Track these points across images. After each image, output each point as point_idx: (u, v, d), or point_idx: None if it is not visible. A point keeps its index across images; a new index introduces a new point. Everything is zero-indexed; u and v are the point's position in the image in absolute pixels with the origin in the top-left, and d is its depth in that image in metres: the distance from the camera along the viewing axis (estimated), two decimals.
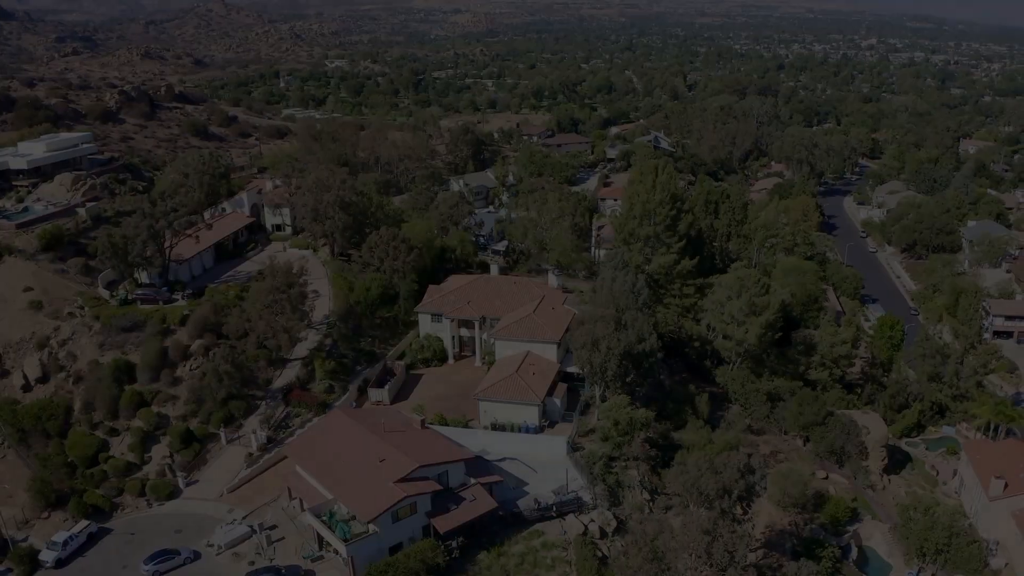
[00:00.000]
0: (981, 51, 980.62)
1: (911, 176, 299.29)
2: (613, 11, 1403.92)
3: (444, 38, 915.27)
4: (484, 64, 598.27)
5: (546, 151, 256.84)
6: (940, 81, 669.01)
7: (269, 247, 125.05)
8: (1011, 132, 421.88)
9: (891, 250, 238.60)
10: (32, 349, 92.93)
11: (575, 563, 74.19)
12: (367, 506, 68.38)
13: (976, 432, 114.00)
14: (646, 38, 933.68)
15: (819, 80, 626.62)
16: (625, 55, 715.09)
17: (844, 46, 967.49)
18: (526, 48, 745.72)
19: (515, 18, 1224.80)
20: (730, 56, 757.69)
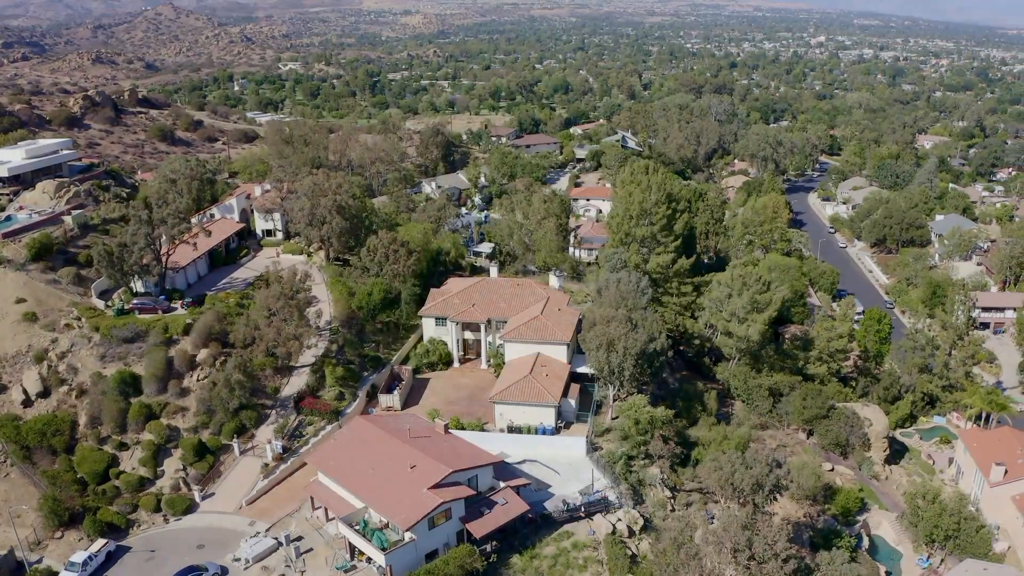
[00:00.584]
0: (929, 47, 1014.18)
1: (874, 172, 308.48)
2: (563, 11, 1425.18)
3: (396, 40, 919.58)
4: (438, 65, 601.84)
5: (515, 152, 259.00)
6: (891, 77, 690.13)
7: (261, 253, 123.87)
8: (965, 127, 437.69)
9: (861, 245, 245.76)
10: (30, 363, 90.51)
11: (607, 562, 75.54)
12: (404, 513, 68.50)
13: (967, 421, 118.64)
14: (598, 38, 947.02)
15: (771, 78, 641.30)
16: (578, 55, 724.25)
17: (794, 44, 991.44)
18: (479, 49, 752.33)
19: (466, 19, 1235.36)
20: (682, 55, 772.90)
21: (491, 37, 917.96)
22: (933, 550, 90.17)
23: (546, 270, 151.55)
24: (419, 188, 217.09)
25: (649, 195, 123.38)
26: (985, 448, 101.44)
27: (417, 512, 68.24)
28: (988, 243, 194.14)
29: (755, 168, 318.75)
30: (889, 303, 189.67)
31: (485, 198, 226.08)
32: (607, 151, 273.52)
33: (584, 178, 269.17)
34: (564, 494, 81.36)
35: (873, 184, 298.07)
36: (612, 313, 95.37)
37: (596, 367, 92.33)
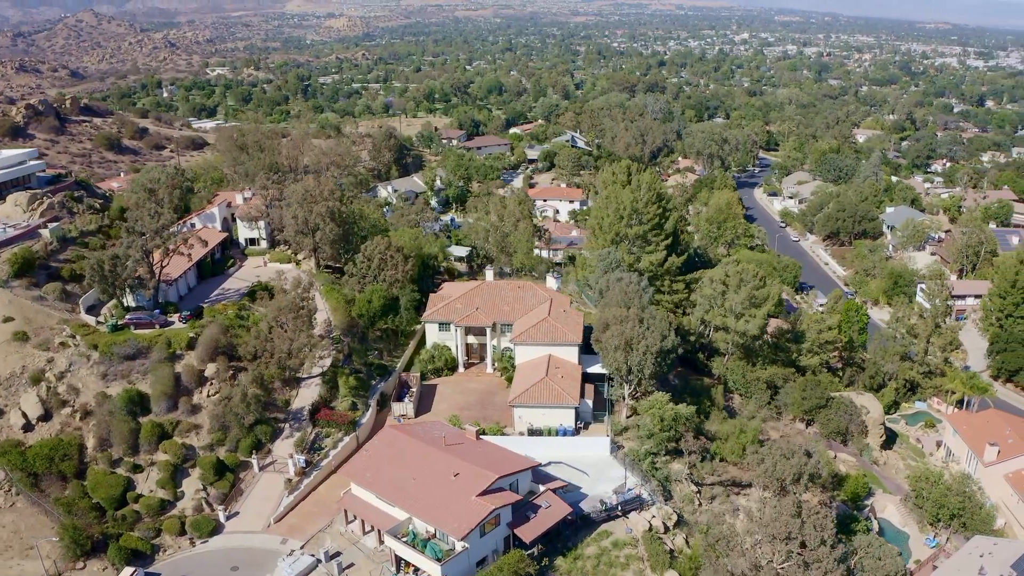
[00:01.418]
0: (851, 43, 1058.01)
1: (815, 167, 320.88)
2: (488, 12, 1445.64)
3: (321, 43, 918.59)
4: (368, 68, 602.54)
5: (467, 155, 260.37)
6: (817, 73, 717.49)
7: (247, 263, 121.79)
8: (896, 120, 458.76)
9: (813, 238, 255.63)
10: (26, 384, 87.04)
11: (647, 559, 77.74)
12: (456, 522, 68.99)
13: (948, 405, 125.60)
14: (524, 38, 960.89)
15: (700, 75, 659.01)
16: (507, 56, 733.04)
17: (718, 42, 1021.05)
18: (407, 51, 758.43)
19: (390, 21, 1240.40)
20: (610, 54, 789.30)
21: (418, 39, 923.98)
22: (938, 530, 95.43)
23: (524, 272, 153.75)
24: (374, 192, 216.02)
25: (640, 195, 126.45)
26: (975, 430, 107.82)
27: (470, 520, 68.85)
28: (942, 233, 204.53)
29: (701, 165, 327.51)
30: (850, 294, 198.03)
31: (442, 201, 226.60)
32: (560, 151, 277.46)
33: (537, 179, 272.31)
34: (596, 494, 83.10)
35: (816, 179, 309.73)
36: (625, 313, 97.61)
37: (614, 367, 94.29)
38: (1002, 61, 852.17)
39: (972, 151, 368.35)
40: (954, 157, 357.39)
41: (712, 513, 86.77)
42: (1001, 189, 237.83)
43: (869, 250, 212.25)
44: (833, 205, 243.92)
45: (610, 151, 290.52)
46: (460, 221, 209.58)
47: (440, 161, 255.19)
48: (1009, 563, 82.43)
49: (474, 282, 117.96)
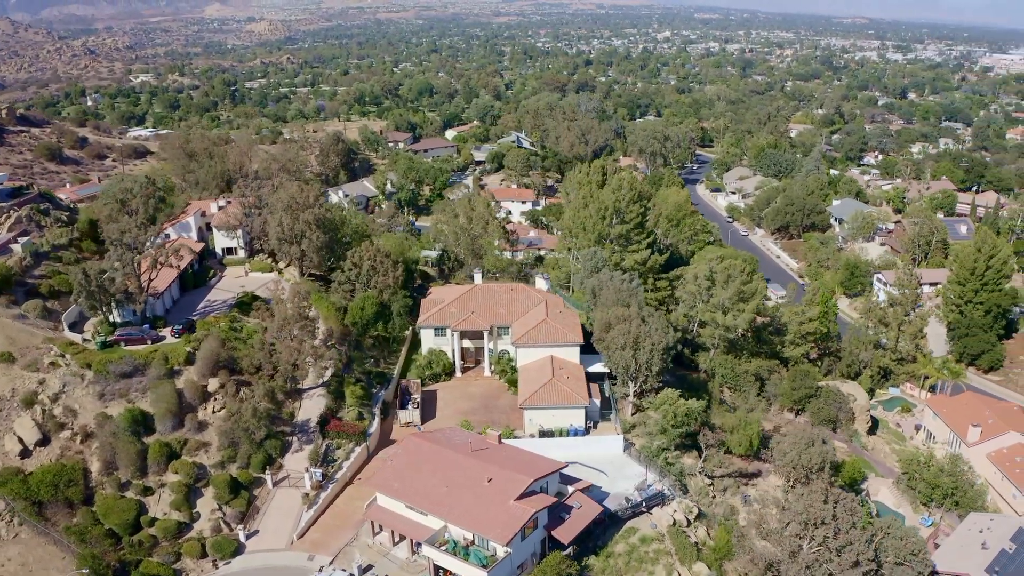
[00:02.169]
0: (772, 39, 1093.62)
1: (755, 162, 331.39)
2: (409, 14, 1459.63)
3: (243, 47, 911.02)
4: (295, 72, 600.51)
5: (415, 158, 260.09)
6: (741, 69, 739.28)
7: (227, 272, 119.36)
8: (825, 114, 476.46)
9: (761, 232, 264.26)
10: (18, 408, 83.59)
11: (676, 553, 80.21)
12: (499, 528, 69.83)
13: (921, 390, 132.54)
14: (448, 39, 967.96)
15: (627, 74, 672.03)
16: (433, 57, 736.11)
17: (642, 40, 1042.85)
18: (332, 54, 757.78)
19: (312, 24, 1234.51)
20: (536, 54, 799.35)
21: (341, 42, 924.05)
22: (932, 509, 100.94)
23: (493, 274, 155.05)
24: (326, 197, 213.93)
25: (622, 194, 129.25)
26: (955, 412, 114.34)
27: (513, 525, 69.83)
28: (891, 224, 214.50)
29: (643, 163, 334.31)
30: (804, 285, 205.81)
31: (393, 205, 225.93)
32: (508, 152, 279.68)
33: (487, 180, 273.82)
34: (617, 492, 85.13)
35: (757, 174, 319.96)
36: (627, 312, 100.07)
37: (622, 366, 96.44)
38: (920, 54, 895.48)
39: (901, 143, 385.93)
40: (884, 149, 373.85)
41: (727, 505, 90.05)
42: (940, 180, 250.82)
43: (821, 242, 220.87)
44: (781, 199, 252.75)
45: (555, 151, 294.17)
46: (419, 225, 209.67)
47: (389, 164, 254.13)
48: (1008, 536, 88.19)
49: (466, 285, 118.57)
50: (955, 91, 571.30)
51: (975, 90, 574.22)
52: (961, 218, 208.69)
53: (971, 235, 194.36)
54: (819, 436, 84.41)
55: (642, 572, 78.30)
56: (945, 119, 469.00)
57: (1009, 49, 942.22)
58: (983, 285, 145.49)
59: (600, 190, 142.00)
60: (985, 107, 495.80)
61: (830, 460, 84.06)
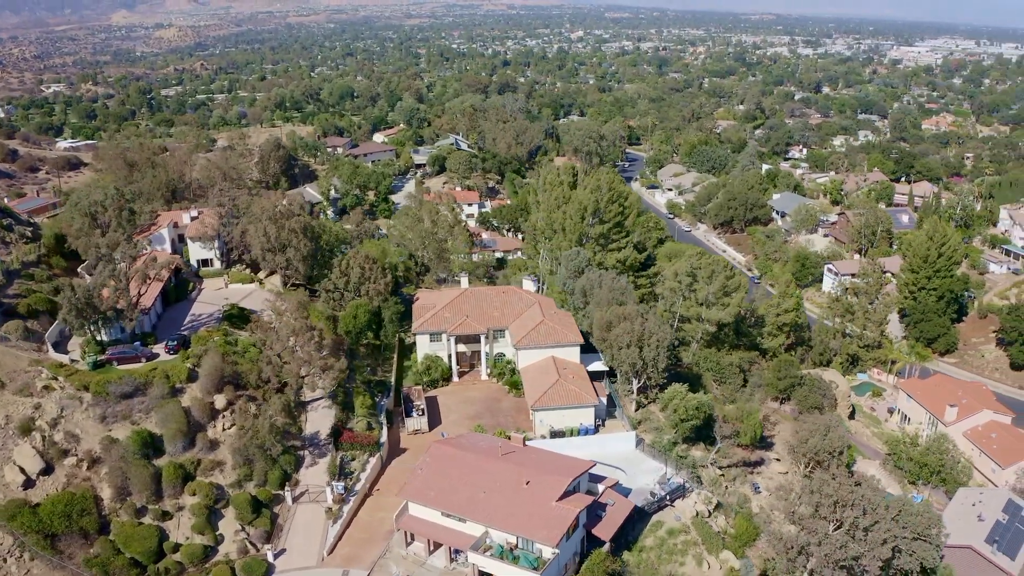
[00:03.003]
0: (683, 36, 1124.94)
1: (688, 158, 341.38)
2: (320, 17, 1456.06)
3: (153, 54, 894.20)
4: (210, 79, 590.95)
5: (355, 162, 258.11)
6: (657, 67, 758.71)
7: (204, 285, 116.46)
8: (746, 110, 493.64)
9: (704, 228, 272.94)
10: (15, 436, 79.99)
11: (702, 543, 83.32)
12: (546, 530, 71.15)
13: (888, 375, 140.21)
14: (362, 42, 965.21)
15: (545, 74, 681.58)
16: (348, 61, 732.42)
17: (555, 40, 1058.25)
18: (246, 60, 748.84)
19: (221, 29, 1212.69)
20: (452, 56, 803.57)
21: (253, 47, 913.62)
22: (919, 487, 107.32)
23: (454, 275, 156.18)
24: None
25: (601, 195, 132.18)
26: (930, 394, 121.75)
27: (560, 526, 71.32)
28: (835, 216, 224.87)
29: (578, 162, 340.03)
30: (755, 279, 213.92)
31: (338, 211, 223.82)
32: (450, 155, 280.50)
33: (429, 183, 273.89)
34: (638, 487, 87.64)
35: (691, 170, 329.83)
36: (628, 311, 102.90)
37: (627, 363, 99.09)
38: (830, 48, 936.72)
39: (823, 136, 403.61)
40: (807, 143, 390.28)
41: (739, 494, 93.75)
42: (872, 172, 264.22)
43: (766, 236, 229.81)
44: (723, 195, 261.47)
45: (494, 153, 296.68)
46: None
47: (330, 170, 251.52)
48: (1000, 508, 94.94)
49: (455, 289, 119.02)
50: (868, 84, 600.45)
51: (887, 82, 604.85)
52: (902, 208, 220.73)
53: (913, 224, 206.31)
54: (831, 423, 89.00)
55: (673, 564, 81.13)
56: (861, 111, 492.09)
57: (915, 41, 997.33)
58: (935, 272, 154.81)
59: (572, 191, 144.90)
60: (898, 99, 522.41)
61: (846, 445, 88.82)
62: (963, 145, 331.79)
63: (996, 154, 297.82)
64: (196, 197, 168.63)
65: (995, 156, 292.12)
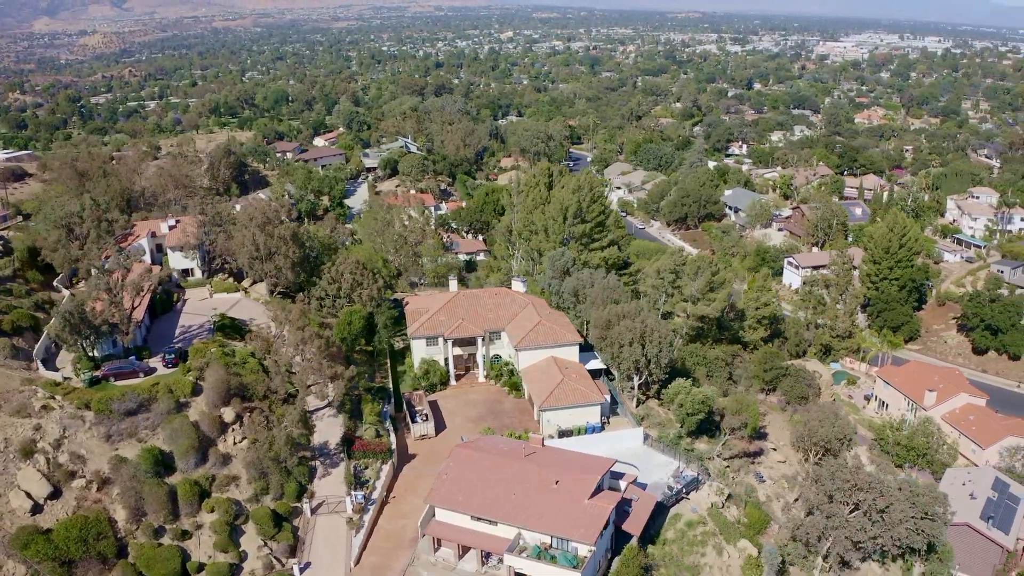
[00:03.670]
0: (612, 35, 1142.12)
1: (633, 157, 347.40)
2: (247, 21, 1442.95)
3: (78, 61, 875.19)
4: (140, 85, 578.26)
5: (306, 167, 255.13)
6: (590, 67, 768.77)
7: (187, 295, 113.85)
8: (683, 108, 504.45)
9: (658, 225, 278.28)
10: (16, 459, 77.19)
11: (720, 533, 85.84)
12: (583, 528, 72.42)
13: (861, 363, 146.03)
14: (291, 46, 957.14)
15: (479, 75, 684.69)
16: (279, 65, 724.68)
17: (486, 40, 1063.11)
18: (174, 66, 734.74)
19: (147, 35, 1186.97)
20: (383, 58, 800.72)
21: (180, 53, 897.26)
22: (906, 470, 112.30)
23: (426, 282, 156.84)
24: None
25: (583, 195, 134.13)
26: (907, 380, 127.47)
27: (596, 523, 72.72)
28: (790, 210, 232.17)
29: (526, 162, 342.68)
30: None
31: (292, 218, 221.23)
32: (403, 158, 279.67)
33: (381, 186, 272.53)
34: (653, 482, 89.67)
35: (637, 168, 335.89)
36: (627, 309, 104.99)
37: (631, 360, 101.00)
38: (757, 45, 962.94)
39: (761, 132, 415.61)
40: (746, 139, 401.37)
41: (746, 484, 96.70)
42: (818, 166, 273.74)
43: (723, 231, 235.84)
44: (676, 192, 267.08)
45: (444, 155, 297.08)
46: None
47: (281, 175, 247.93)
48: (989, 486, 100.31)
49: (447, 293, 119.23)
50: (798, 80, 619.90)
51: (816, 78, 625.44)
52: (854, 201, 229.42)
53: (867, 217, 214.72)
54: (835, 412, 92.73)
55: (695, 555, 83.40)
56: (794, 107, 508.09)
57: (839, 37, 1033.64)
58: (897, 263, 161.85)
59: (549, 191, 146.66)
60: (829, 94, 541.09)
61: (854, 431, 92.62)
62: (900, 138, 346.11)
63: (935, 146, 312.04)
64: (149, 206, 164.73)
65: (934, 148, 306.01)
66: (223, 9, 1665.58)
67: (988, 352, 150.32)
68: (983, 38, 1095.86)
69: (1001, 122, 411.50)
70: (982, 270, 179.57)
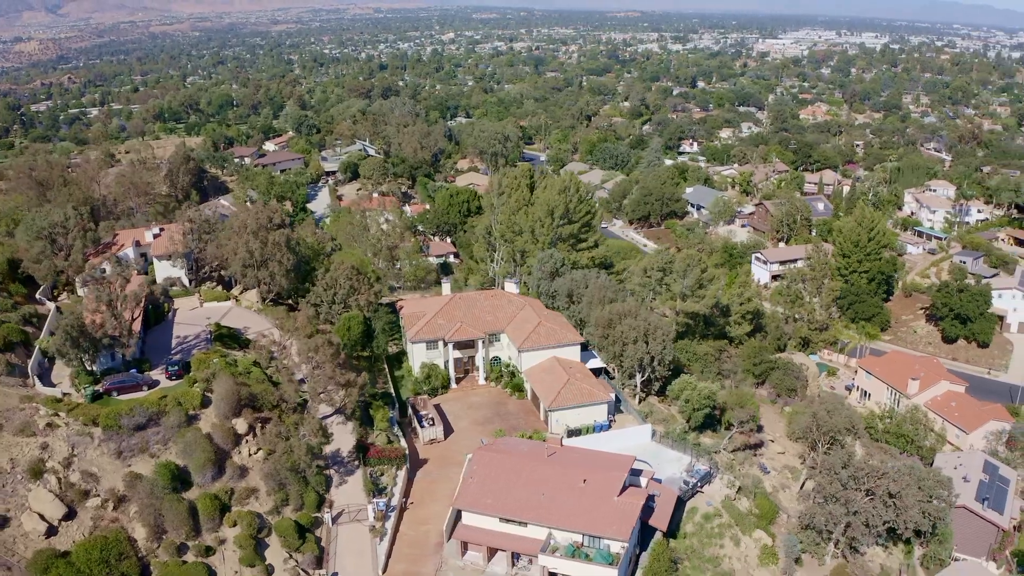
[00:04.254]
0: (554, 35, 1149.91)
1: (589, 156, 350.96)
2: (184, 26, 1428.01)
3: (14, 69, 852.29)
4: (80, 92, 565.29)
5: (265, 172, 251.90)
6: (534, 67, 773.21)
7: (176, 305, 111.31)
8: (632, 107, 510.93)
9: (620, 223, 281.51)
10: (25, 480, 74.81)
11: (736, 524, 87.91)
12: (616, 525, 73.56)
13: (839, 354, 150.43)
14: (231, 50, 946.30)
15: (423, 76, 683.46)
16: (220, 69, 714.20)
17: (427, 42, 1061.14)
18: (113, 72, 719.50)
19: (84, 41, 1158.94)
20: (326, 61, 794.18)
21: (118, 58, 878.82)
22: (896, 457, 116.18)
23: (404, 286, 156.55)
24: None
25: (571, 195, 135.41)
26: (889, 370, 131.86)
27: (629, 520, 74.00)
28: (753, 206, 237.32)
29: (483, 164, 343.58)
30: None
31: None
32: (364, 162, 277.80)
33: (342, 190, 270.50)
34: (667, 477, 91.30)
35: (593, 167, 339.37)
36: (629, 307, 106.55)
37: (636, 358, 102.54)
38: (698, 43, 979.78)
39: (709, 130, 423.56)
40: (695, 137, 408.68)
41: (752, 476, 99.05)
42: (775, 163, 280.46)
43: (687, 229, 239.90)
44: (638, 191, 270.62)
45: (403, 157, 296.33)
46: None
47: (241, 181, 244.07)
48: (980, 469, 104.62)
49: (443, 296, 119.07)
50: (740, 77, 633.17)
51: (759, 75, 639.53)
52: (815, 196, 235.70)
53: (830, 212, 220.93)
54: (840, 402, 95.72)
55: (714, 547, 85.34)
56: (739, 104, 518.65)
57: (778, 34, 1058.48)
58: (866, 255, 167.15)
59: (531, 193, 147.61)
60: (772, 90, 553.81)
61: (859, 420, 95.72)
62: (849, 133, 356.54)
63: (886, 141, 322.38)
64: (110, 214, 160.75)
65: (885, 143, 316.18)
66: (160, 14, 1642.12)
67: (957, 340, 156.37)
68: (919, 33, 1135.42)
69: (942, 116, 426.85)
70: (944, 261, 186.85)
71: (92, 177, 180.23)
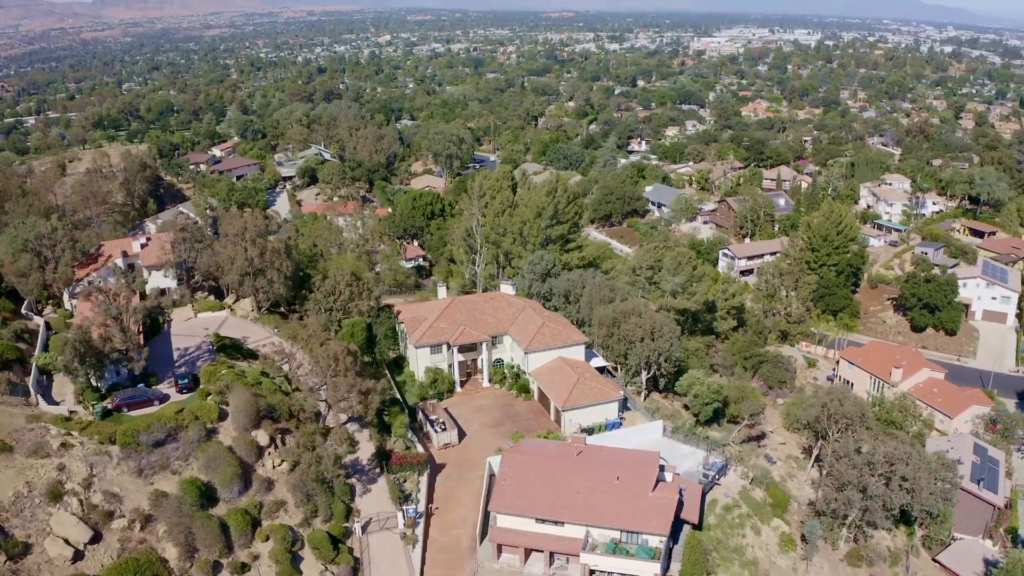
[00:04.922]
0: (490, 36, 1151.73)
1: (542, 156, 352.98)
2: (116, 32, 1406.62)
3: None
4: (13, 101, 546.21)
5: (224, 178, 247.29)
6: (473, 68, 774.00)
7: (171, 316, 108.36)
8: (577, 107, 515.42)
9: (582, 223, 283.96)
10: (44, 504, 72.07)
11: (755, 514, 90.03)
12: (655, 520, 74.72)
13: (816, 346, 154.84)
14: (164, 55, 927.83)
15: (363, 79, 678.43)
16: (156, 75, 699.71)
17: (364, 44, 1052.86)
18: (46, 79, 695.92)
19: (13, 49, 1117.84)
20: (263, 65, 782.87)
21: (50, 65, 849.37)
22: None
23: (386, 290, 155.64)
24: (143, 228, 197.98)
25: (559, 197, 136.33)
26: (871, 360, 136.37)
27: (667, 514, 75.24)
28: (715, 203, 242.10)
29: (437, 166, 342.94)
30: None
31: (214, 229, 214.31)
32: (323, 167, 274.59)
33: (301, 195, 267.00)
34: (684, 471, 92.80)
35: (548, 168, 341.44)
36: (633, 306, 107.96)
37: (642, 356, 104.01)
38: (634, 43, 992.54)
39: (655, 128, 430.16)
40: (641, 135, 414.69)
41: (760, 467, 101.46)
42: (730, 159, 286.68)
43: (651, 227, 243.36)
44: (599, 190, 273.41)
45: (359, 161, 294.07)
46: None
47: (199, 188, 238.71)
48: (971, 451, 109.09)
49: (442, 300, 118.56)
50: (680, 76, 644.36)
51: (697, 73, 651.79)
52: (777, 192, 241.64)
53: (791, 207, 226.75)
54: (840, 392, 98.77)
55: (736, 537, 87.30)
56: (680, 102, 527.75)
57: (712, 32, 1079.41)
58: (835, 248, 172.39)
59: (514, 195, 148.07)
60: (712, 88, 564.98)
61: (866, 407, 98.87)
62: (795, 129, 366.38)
63: (835, 136, 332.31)
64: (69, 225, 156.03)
65: (834, 139, 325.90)
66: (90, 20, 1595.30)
67: (926, 329, 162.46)
68: (850, 29, 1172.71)
69: (881, 110, 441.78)
70: (906, 253, 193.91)
71: (48, 187, 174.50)
